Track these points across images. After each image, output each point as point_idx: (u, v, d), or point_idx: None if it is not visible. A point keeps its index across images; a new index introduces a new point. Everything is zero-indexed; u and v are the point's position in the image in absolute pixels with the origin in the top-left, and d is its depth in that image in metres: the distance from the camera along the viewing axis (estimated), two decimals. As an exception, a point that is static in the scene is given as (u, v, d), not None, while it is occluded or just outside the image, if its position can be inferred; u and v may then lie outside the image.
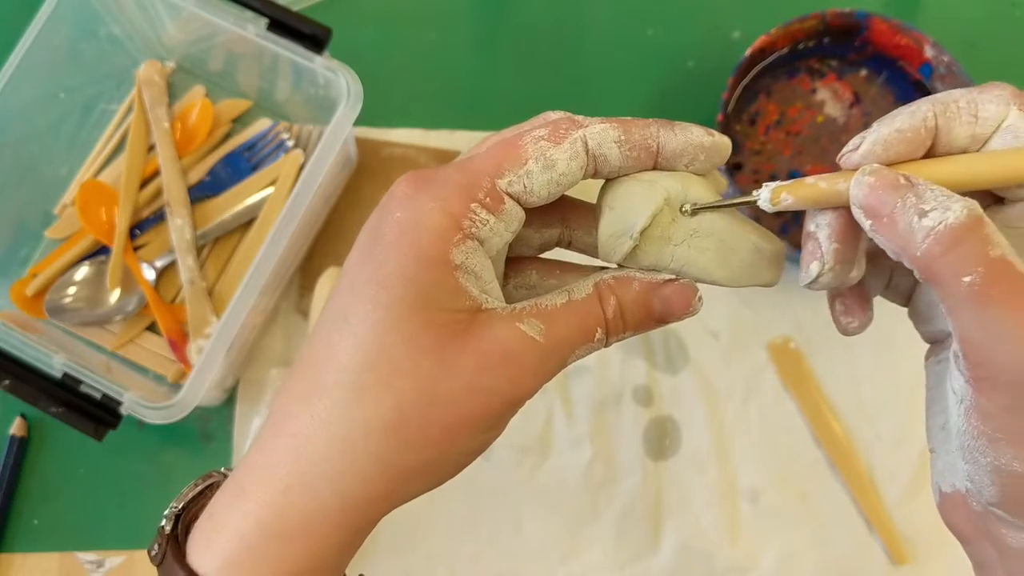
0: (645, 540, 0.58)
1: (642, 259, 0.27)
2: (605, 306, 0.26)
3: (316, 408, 0.24)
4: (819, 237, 0.26)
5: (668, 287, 0.27)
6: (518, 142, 0.25)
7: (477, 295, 0.25)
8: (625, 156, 0.26)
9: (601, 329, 0.26)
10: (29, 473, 0.58)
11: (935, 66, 0.61)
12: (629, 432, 0.60)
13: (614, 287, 0.27)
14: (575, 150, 0.25)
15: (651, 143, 0.26)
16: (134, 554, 0.57)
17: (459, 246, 0.24)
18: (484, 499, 0.59)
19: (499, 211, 0.25)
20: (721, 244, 0.27)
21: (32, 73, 0.55)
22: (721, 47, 0.66)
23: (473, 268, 0.25)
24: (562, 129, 0.26)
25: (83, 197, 0.59)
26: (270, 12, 0.54)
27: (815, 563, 0.59)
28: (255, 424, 0.58)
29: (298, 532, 0.24)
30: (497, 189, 0.25)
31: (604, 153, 0.26)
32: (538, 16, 0.67)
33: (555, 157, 0.25)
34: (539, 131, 0.26)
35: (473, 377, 0.24)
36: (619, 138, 0.26)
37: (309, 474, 0.24)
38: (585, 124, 0.26)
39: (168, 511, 0.27)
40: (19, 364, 0.51)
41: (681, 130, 0.27)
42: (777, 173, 0.63)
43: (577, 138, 0.26)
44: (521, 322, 0.25)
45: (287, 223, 0.52)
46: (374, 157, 0.63)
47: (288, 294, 0.61)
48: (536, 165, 0.25)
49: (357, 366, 0.24)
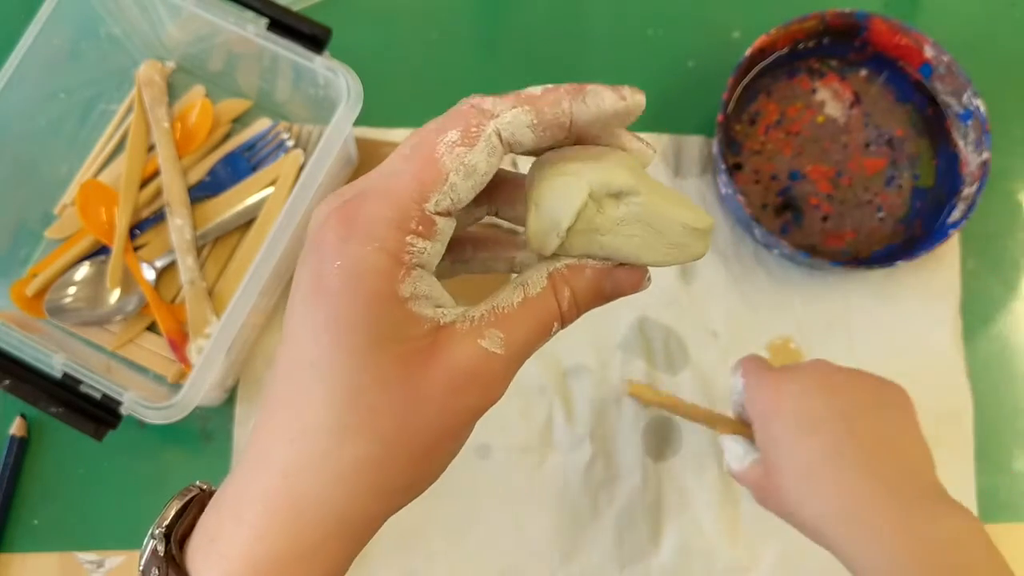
0: (645, 540, 0.58)
1: (571, 251, 0.27)
2: (560, 298, 0.27)
3: (302, 449, 0.25)
4: None
5: (619, 270, 0.27)
6: (433, 155, 0.25)
7: (432, 314, 0.25)
8: (539, 137, 0.26)
9: (557, 323, 0.27)
10: (29, 473, 0.58)
11: (935, 66, 0.61)
12: (629, 432, 0.60)
13: (568, 277, 0.27)
14: (491, 145, 0.25)
15: (564, 120, 0.26)
16: (134, 554, 0.57)
17: (404, 280, 0.25)
18: (484, 499, 0.59)
19: (433, 234, 0.25)
20: (648, 229, 0.27)
21: (32, 73, 0.55)
22: (721, 47, 0.66)
23: (423, 293, 0.25)
24: (472, 126, 0.25)
25: (83, 197, 0.59)
26: (270, 12, 0.54)
27: (815, 563, 0.58)
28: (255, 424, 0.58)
29: (308, 556, 0.25)
30: (427, 214, 0.25)
31: (519, 139, 0.26)
32: (538, 16, 0.67)
33: (473, 162, 0.25)
34: (451, 134, 0.25)
35: (444, 400, 0.25)
36: (531, 122, 0.25)
37: (310, 507, 0.25)
38: (495, 112, 0.25)
39: (155, 531, 0.26)
40: (19, 364, 0.51)
41: (593, 98, 0.26)
42: (777, 173, 0.63)
43: (491, 133, 0.25)
44: (482, 337, 0.25)
45: (287, 223, 0.52)
46: (374, 157, 0.63)
47: (288, 294, 0.61)
48: (457, 176, 0.25)
49: (335, 409, 0.25)
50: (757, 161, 0.64)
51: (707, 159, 0.64)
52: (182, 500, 0.28)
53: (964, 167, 0.61)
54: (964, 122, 0.61)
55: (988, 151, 0.59)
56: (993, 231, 0.64)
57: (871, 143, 0.64)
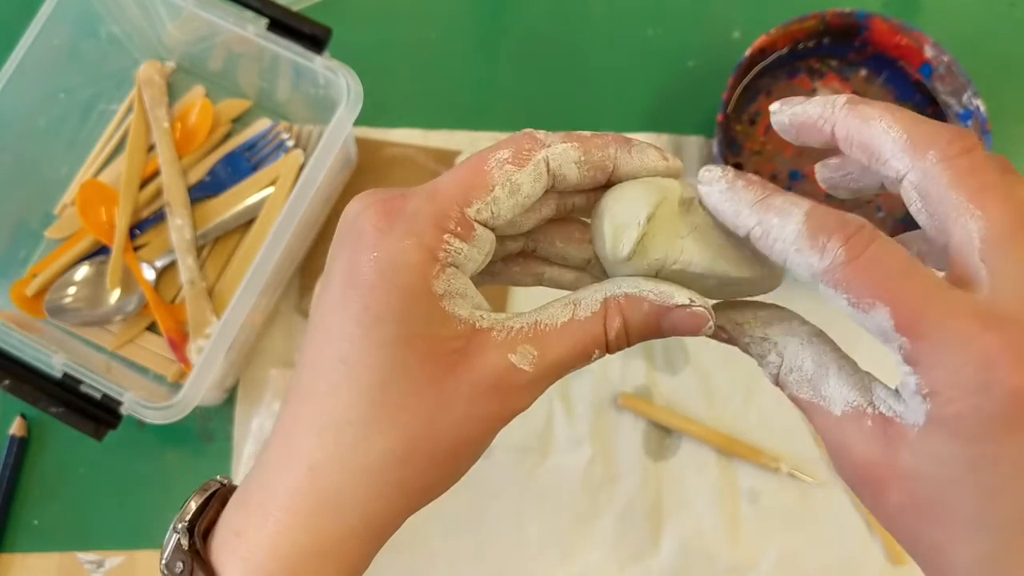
0: (645, 540, 0.58)
1: (651, 251, 0.27)
2: (609, 326, 0.26)
3: (328, 443, 0.25)
4: None
5: (679, 313, 0.26)
6: (483, 167, 0.26)
7: (468, 315, 0.26)
8: (583, 176, 0.27)
9: (600, 350, 0.27)
10: (29, 473, 0.58)
11: (935, 66, 0.61)
12: (629, 432, 0.60)
13: (624, 307, 0.26)
14: (539, 171, 0.26)
15: (608, 164, 0.27)
16: (134, 554, 0.57)
17: (439, 277, 0.25)
18: (484, 499, 0.59)
19: (471, 238, 0.26)
20: (722, 237, 0.27)
21: (32, 73, 0.55)
22: (721, 47, 0.66)
23: (458, 291, 0.26)
24: (525, 149, 0.26)
25: (83, 197, 0.59)
26: (270, 12, 0.54)
27: (815, 563, 0.59)
28: (255, 424, 0.58)
29: (331, 551, 0.26)
30: (467, 217, 0.25)
31: (564, 173, 0.27)
32: (538, 16, 0.67)
33: (520, 181, 0.26)
34: (503, 152, 0.26)
35: (468, 405, 0.25)
36: (579, 159, 0.27)
37: (335, 501, 0.25)
38: (547, 143, 0.26)
39: (178, 526, 0.27)
40: (19, 364, 0.51)
41: (638, 152, 0.27)
42: (777, 173, 0.63)
43: (540, 159, 0.26)
44: (513, 352, 0.26)
45: (287, 223, 0.52)
46: (374, 157, 0.63)
47: (288, 294, 0.61)
48: (502, 191, 0.26)
49: (363, 405, 0.25)
50: (757, 161, 0.64)
51: (707, 159, 0.64)
52: (203, 495, 0.28)
53: (964, 167, 0.61)
54: (964, 122, 0.61)
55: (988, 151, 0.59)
56: (993, 231, 0.64)
57: (871, 143, 0.64)
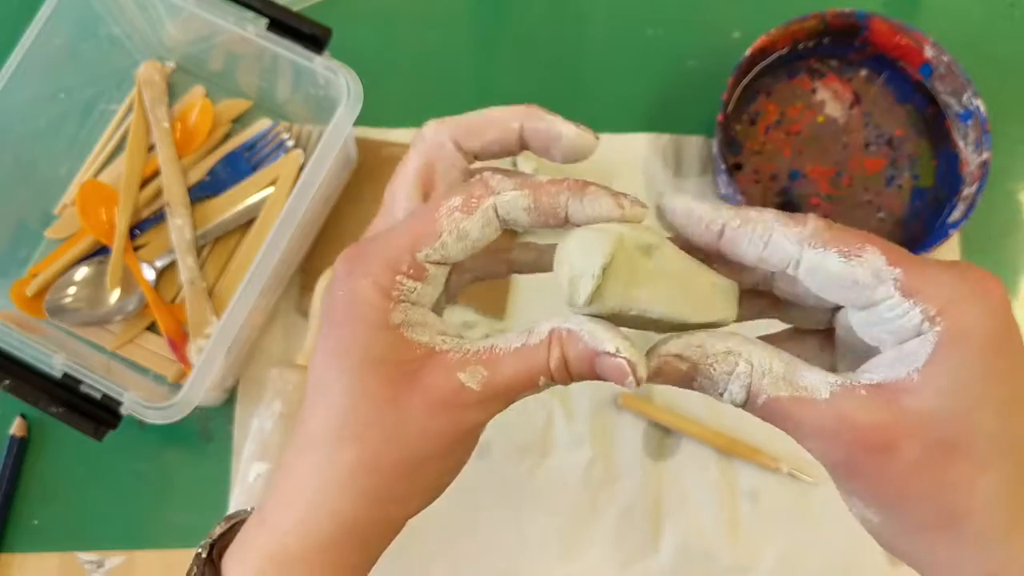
0: (645, 540, 0.58)
1: (607, 299, 0.27)
2: (551, 355, 0.28)
3: (307, 459, 0.28)
4: None
5: (606, 360, 0.27)
6: (434, 215, 0.28)
7: (428, 340, 0.28)
8: (533, 220, 0.28)
9: (545, 378, 0.28)
10: (29, 473, 0.58)
11: (935, 66, 0.61)
12: (629, 432, 0.60)
13: (564, 340, 0.28)
14: (487, 218, 0.28)
15: (559, 212, 0.28)
16: (134, 554, 0.57)
17: (394, 311, 0.28)
18: (484, 498, 0.59)
19: (423, 278, 0.28)
20: (677, 284, 0.28)
21: (32, 73, 0.55)
22: (721, 47, 0.66)
23: (416, 321, 0.28)
24: (475, 197, 0.28)
25: (83, 197, 0.59)
26: (270, 12, 0.54)
27: (815, 563, 0.59)
28: (255, 424, 0.58)
29: (316, 558, 0.28)
30: (417, 261, 0.28)
31: (514, 218, 0.28)
32: (538, 16, 0.67)
33: (467, 228, 0.28)
34: (455, 200, 0.28)
35: (423, 421, 0.27)
36: (528, 206, 0.28)
37: (315, 510, 0.28)
38: (497, 190, 0.28)
39: (202, 543, 0.31)
40: (19, 364, 0.51)
41: (590, 201, 0.28)
42: (777, 173, 0.63)
43: (488, 207, 0.28)
44: (463, 371, 0.27)
45: (287, 223, 0.52)
46: (374, 157, 0.63)
47: (288, 294, 0.61)
48: (450, 237, 0.28)
49: (335, 423, 0.28)
50: (757, 161, 0.64)
51: (707, 159, 0.64)
52: (229, 522, 0.32)
53: (964, 167, 0.61)
54: (964, 122, 0.61)
55: (988, 151, 0.59)
56: (993, 231, 0.64)
57: (871, 143, 0.64)
